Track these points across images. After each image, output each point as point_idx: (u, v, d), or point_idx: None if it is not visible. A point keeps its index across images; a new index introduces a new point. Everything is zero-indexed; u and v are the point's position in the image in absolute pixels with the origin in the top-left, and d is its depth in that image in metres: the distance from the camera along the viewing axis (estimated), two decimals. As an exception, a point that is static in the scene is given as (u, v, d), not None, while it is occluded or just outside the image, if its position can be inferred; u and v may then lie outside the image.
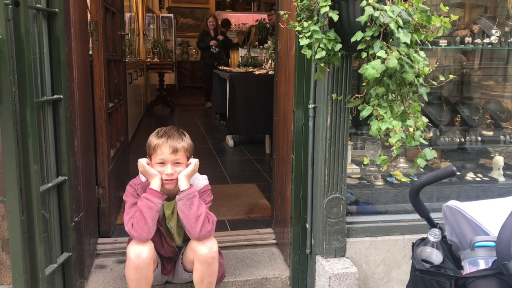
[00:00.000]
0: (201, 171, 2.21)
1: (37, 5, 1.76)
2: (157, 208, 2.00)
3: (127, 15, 6.76)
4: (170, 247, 2.18)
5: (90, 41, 2.67)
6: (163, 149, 2.03)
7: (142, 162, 2.07)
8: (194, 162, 2.11)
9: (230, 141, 5.87)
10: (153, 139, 2.08)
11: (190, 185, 2.08)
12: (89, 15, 2.66)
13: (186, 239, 2.23)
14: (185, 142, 2.09)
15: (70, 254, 2.03)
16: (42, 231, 1.77)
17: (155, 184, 2.03)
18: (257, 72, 5.76)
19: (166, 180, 2.05)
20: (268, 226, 3.04)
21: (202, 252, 2.05)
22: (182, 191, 2.04)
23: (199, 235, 2.04)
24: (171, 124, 2.22)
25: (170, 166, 2.04)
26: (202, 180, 2.22)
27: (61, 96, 1.92)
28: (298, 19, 1.82)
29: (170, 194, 2.12)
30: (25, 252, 1.71)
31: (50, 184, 1.87)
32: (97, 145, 2.70)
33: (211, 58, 8.42)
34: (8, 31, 1.55)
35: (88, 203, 2.47)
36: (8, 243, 1.83)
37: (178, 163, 2.06)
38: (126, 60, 4.22)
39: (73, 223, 2.06)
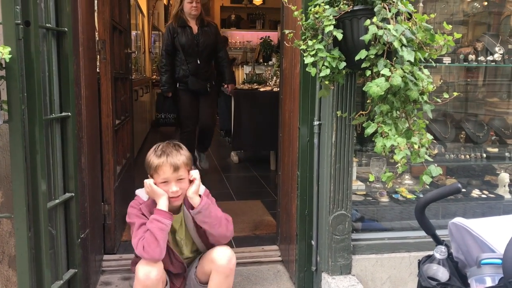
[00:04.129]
0: (206, 187, 2.22)
1: (47, 24, 1.80)
2: (168, 229, 1.99)
3: (133, 33, 6.85)
4: (179, 262, 2.18)
5: (98, 59, 2.71)
6: (164, 169, 2.02)
7: (149, 182, 2.05)
8: (197, 176, 2.10)
9: (235, 157, 5.88)
10: (152, 159, 2.06)
11: (199, 195, 2.10)
12: (96, 34, 2.70)
13: (194, 250, 2.23)
14: (184, 156, 2.08)
15: (76, 270, 2.03)
16: (48, 247, 1.78)
17: (163, 204, 2.02)
18: (262, 89, 5.79)
19: (172, 198, 2.06)
20: (273, 243, 3.03)
21: (222, 263, 2.05)
22: (197, 205, 2.06)
23: (227, 235, 2.13)
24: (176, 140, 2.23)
25: (174, 184, 2.04)
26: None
27: (69, 113, 1.94)
28: (303, 37, 1.85)
29: (175, 208, 2.13)
30: (32, 268, 1.72)
31: (57, 201, 1.88)
32: (103, 162, 2.72)
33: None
34: (18, 50, 1.58)
35: (94, 220, 2.48)
36: (15, 260, 1.84)
37: (181, 179, 2.06)
38: (132, 77, 4.28)
39: (79, 240, 2.06)
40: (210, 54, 4.73)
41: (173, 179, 2.04)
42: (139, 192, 2.15)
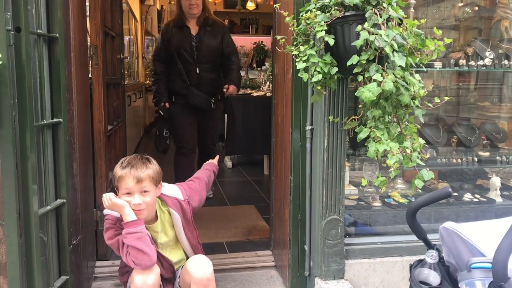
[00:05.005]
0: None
1: (38, 30, 1.80)
2: (145, 232, 1.96)
3: (126, 38, 6.84)
4: (169, 265, 2.17)
5: (90, 65, 2.70)
6: (127, 180, 1.97)
7: (108, 196, 1.98)
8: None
9: (228, 162, 5.88)
10: (117, 171, 2.02)
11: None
12: (88, 40, 2.70)
13: (179, 257, 2.22)
14: (150, 169, 2.02)
15: (68, 277, 2.02)
16: (40, 254, 1.77)
17: (129, 214, 1.95)
18: (255, 94, 5.81)
19: (134, 210, 1.99)
20: (266, 248, 3.03)
21: (197, 275, 2.04)
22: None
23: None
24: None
25: (137, 196, 1.98)
26: (173, 189, 2.22)
27: (61, 119, 1.94)
28: (295, 43, 1.86)
29: (150, 219, 2.10)
30: (23, 276, 1.71)
31: (48, 207, 1.87)
32: (95, 168, 2.70)
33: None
34: (9, 56, 1.58)
35: (86, 226, 2.46)
36: (5, 267, 1.83)
37: (145, 191, 2.01)
38: (125, 83, 4.26)
39: (71, 246, 2.05)
40: (214, 61, 3.86)
41: (136, 191, 1.98)
42: (107, 211, 2.07)
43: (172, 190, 2.19)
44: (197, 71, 3.76)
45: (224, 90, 3.91)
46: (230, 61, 3.94)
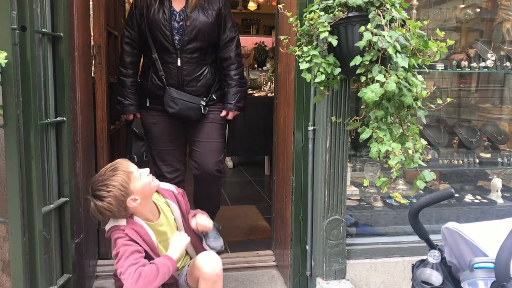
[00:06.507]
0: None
1: (43, 29, 1.80)
2: (171, 273, 1.95)
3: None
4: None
5: (93, 64, 2.71)
6: (132, 166, 1.96)
7: (184, 240, 2.02)
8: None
9: (229, 162, 5.89)
10: (118, 177, 1.92)
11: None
12: (92, 39, 2.70)
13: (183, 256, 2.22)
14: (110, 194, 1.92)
15: (70, 275, 2.02)
16: (43, 252, 1.77)
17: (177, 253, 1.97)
18: (256, 94, 5.81)
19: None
20: (268, 248, 3.04)
21: (207, 270, 2.04)
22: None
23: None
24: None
25: (146, 170, 1.99)
26: (167, 184, 2.22)
27: (64, 118, 1.94)
28: (298, 43, 1.86)
29: (155, 212, 2.10)
30: (26, 274, 1.71)
31: (52, 206, 1.88)
32: (98, 167, 2.71)
33: None
34: (14, 55, 1.58)
35: (89, 225, 2.47)
36: (9, 265, 1.83)
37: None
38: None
39: (73, 245, 2.06)
40: (204, 48, 2.61)
41: (138, 170, 1.98)
42: (112, 222, 1.99)
43: (165, 184, 2.22)
44: (178, 63, 2.57)
45: (222, 115, 2.73)
46: (228, 59, 2.70)
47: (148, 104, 2.68)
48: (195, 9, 2.56)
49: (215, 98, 2.72)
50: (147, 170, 2.01)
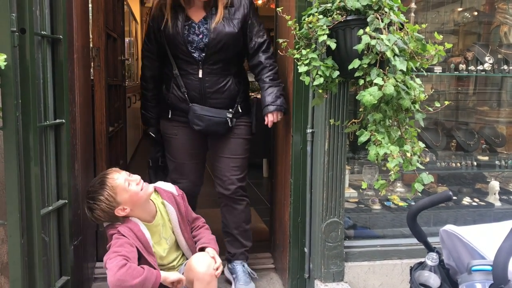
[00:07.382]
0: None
1: (42, 32, 1.80)
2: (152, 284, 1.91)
3: (126, 39, 6.84)
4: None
5: (92, 66, 2.71)
6: (119, 178, 1.98)
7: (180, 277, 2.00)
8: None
9: (227, 164, 5.87)
10: (104, 189, 1.96)
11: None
12: (91, 41, 2.71)
13: (178, 255, 2.22)
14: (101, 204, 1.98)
15: (69, 278, 2.02)
16: (41, 255, 1.77)
17: (169, 274, 1.98)
18: (254, 97, 5.82)
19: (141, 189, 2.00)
20: (266, 250, 3.04)
21: (201, 271, 2.04)
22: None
23: None
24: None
25: (135, 179, 2.02)
26: (168, 185, 2.22)
27: (63, 120, 1.94)
28: (297, 47, 1.87)
29: (152, 213, 2.11)
30: (25, 276, 1.71)
31: (50, 208, 1.88)
32: (96, 169, 2.71)
33: None
34: (13, 57, 1.59)
35: (87, 227, 2.47)
36: (7, 267, 1.83)
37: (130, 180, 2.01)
38: (126, 84, 4.27)
39: (72, 247, 2.06)
40: (228, 58, 2.44)
41: (127, 180, 2.00)
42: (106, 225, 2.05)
43: (166, 185, 2.22)
44: (200, 75, 2.42)
45: (266, 123, 2.45)
46: (259, 65, 2.49)
47: (169, 116, 2.56)
48: (219, 19, 2.37)
49: (240, 110, 2.56)
50: (138, 178, 2.03)
